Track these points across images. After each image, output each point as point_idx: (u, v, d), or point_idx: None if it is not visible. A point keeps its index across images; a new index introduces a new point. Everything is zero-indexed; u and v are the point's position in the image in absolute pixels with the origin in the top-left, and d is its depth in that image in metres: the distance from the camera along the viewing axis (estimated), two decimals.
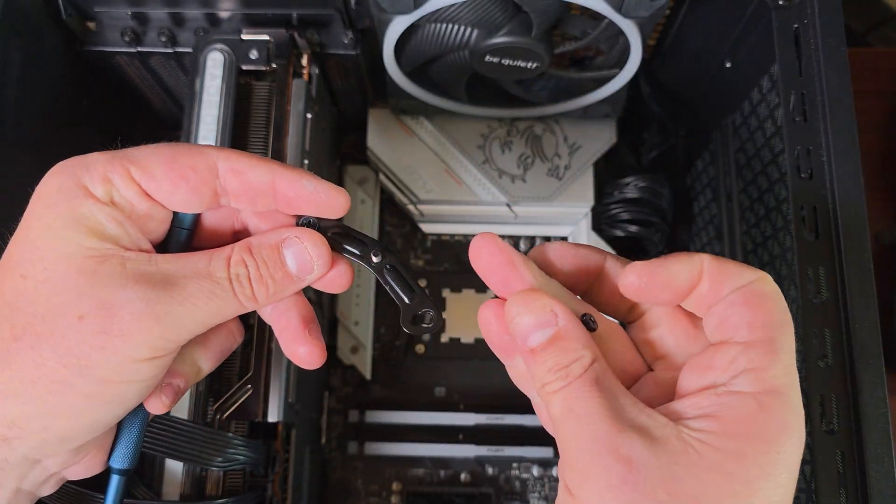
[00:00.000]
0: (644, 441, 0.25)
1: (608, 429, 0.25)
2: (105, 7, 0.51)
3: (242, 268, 0.30)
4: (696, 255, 0.28)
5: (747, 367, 0.26)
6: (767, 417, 0.25)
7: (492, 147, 0.61)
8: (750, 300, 0.27)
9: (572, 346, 0.27)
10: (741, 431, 0.25)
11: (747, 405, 0.25)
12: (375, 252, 0.32)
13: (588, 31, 0.49)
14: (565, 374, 0.27)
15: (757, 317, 0.26)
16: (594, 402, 0.26)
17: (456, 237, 0.65)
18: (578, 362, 0.27)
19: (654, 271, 0.28)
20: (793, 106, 0.41)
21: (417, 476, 0.60)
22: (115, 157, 0.30)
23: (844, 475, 0.36)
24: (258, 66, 0.49)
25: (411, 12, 0.45)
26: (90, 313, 0.27)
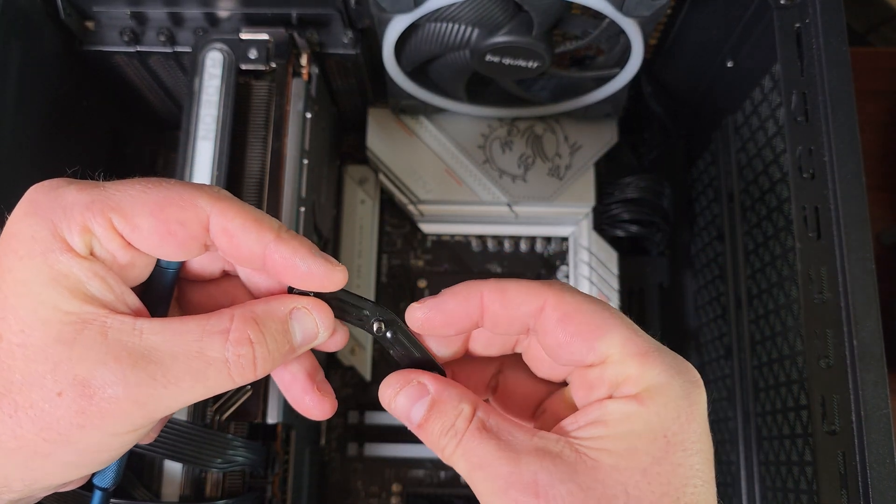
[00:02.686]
0: (541, 461, 0.26)
1: (506, 464, 0.26)
2: (104, 7, 0.51)
3: (247, 347, 0.27)
4: (476, 286, 0.29)
5: (623, 378, 0.27)
6: (648, 410, 0.26)
7: (492, 147, 0.61)
8: (564, 327, 0.28)
9: (450, 406, 0.28)
10: (627, 429, 0.26)
11: (628, 406, 0.26)
12: (377, 319, 0.30)
13: (589, 31, 0.49)
14: (454, 434, 0.27)
15: (589, 339, 0.27)
16: (487, 447, 0.26)
17: (456, 237, 0.65)
18: (460, 417, 0.28)
19: (431, 311, 0.29)
20: (794, 106, 0.41)
21: (417, 477, 0.60)
22: (96, 203, 0.27)
23: (846, 476, 0.36)
24: (257, 66, 0.49)
25: (411, 11, 0.45)
26: (68, 391, 0.25)
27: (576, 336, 0.27)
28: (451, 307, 0.29)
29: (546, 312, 0.28)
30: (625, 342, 0.27)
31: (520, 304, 0.28)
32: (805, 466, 0.42)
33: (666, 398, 0.26)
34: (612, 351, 0.27)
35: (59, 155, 0.51)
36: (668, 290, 0.65)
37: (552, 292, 0.28)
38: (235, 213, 0.27)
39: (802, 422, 0.43)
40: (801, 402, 0.43)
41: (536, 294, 0.28)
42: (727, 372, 0.55)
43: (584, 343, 0.27)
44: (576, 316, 0.28)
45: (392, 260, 0.65)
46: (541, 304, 0.28)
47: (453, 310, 0.29)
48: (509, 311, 0.28)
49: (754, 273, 0.51)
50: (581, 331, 0.27)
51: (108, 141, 0.60)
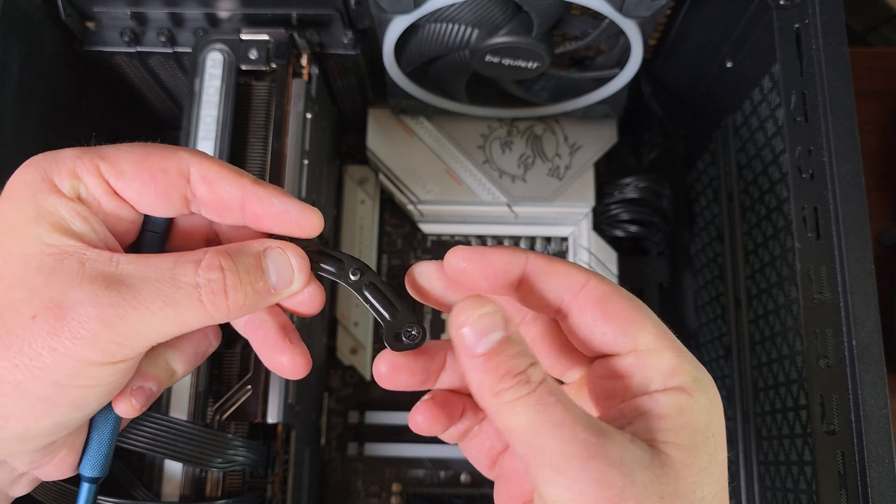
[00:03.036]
0: (626, 442, 0.25)
1: (592, 434, 0.24)
2: (104, 7, 0.51)
3: (217, 272, 0.28)
4: (522, 251, 0.29)
5: (658, 369, 0.27)
6: (699, 403, 0.26)
7: (492, 147, 0.61)
8: (601, 307, 0.28)
9: (526, 352, 0.26)
10: (688, 423, 0.26)
11: (681, 398, 0.26)
12: (353, 270, 0.30)
13: (589, 31, 0.49)
14: (525, 380, 0.25)
15: (625, 324, 0.27)
16: (567, 408, 0.25)
17: (456, 237, 0.65)
18: (535, 369, 0.26)
19: (475, 257, 0.29)
20: (794, 106, 0.41)
21: (417, 477, 0.60)
22: (86, 153, 0.29)
23: (845, 475, 0.36)
24: (258, 66, 0.49)
25: (411, 12, 0.45)
26: (42, 313, 0.26)
27: (613, 318, 0.28)
28: (495, 259, 0.28)
29: (587, 291, 0.28)
30: (659, 334, 0.27)
31: (564, 276, 0.28)
32: (804, 466, 0.42)
33: (709, 394, 0.27)
34: (647, 339, 0.27)
35: None
36: (667, 290, 0.65)
37: (593, 277, 0.28)
38: (213, 161, 0.29)
39: (802, 421, 0.43)
40: (801, 402, 0.43)
41: (581, 271, 0.28)
42: (727, 372, 0.55)
43: (621, 327, 0.27)
44: (615, 300, 0.28)
45: (392, 260, 0.65)
46: (584, 282, 0.28)
47: (495, 263, 0.28)
48: (552, 281, 0.28)
49: (754, 273, 0.51)
50: (619, 314, 0.28)
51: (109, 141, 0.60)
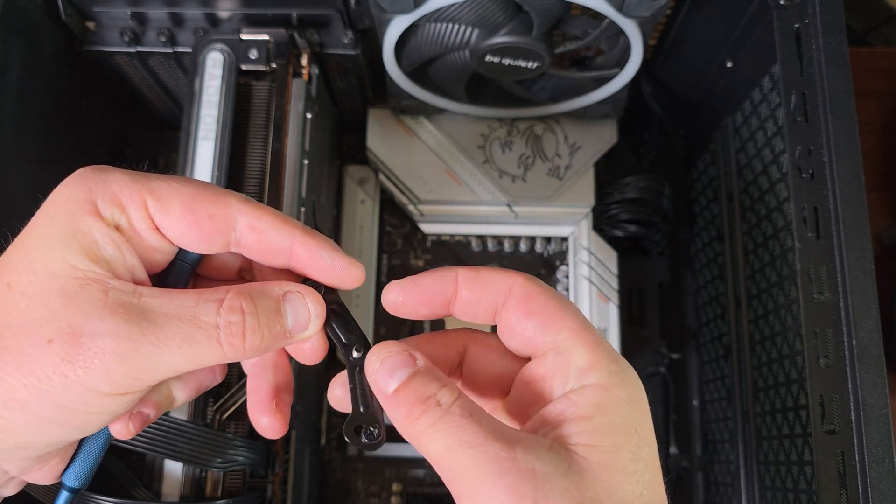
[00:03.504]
0: (538, 451, 0.25)
1: (502, 448, 0.25)
2: (104, 7, 0.51)
3: (238, 315, 0.28)
4: (451, 270, 0.30)
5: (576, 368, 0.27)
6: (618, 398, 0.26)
7: (492, 147, 0.61)
8: (524, 304, 0.29)
9: (436, 378, 0.27)
10: (607, 422, 0.26)
11: (598, 395, 0.26)
12: (358, 348, 0.30)
13: (589, 31, 0.49)
14: (435, 403, 0.26)
15: (546, 320, 0.28)
16: (478, 427, 0.25)
17: (456, 237, 0.65)
18: (445, 391, 0.26)
19: (408, 287, 0.30)
20: (794, 106, 0.41)
21: (417, 477, 0.60)
22: (136, 182, 0.28)
23: (845, 475, 0.36)
24: (258, 66, 0.49)
25: (411, 12, 0.45)
26: (58, 338, 0.26)
27: (534, 315, 0.28)
28: (427, 284, 0.30)
29: (513, 291, 0.29)
30: (577, 329, 0.28)
31: (490, 284, 0.29)
32: (804, 466, 0.42)
33: (629, 387, 0.27)
34: (565, 335, 0.28)
35: (59, 155, 0.51)
36: (667, 290, 0.65)
37: (520, 277, 0.29)
38: (263, 211, 0.30)
39: (802, 421, 0.43)
40: (801, 402, 0.43)
41: (507, 277, 0.29)
42: (727, 372, 0.55)
43: (541, 324, 0.28)
44: (537, 298, 0.29)
45: (392, 260, 0.65)
46: (510, 283, 0.29)
47: (428, 288, 0.30)
48: (481, 292, 0.29)
49: (754, 273, 0.51)
50: (540, 312, 0.28)
51: (109, 141, 0.60)
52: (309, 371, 0.53)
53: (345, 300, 0.65)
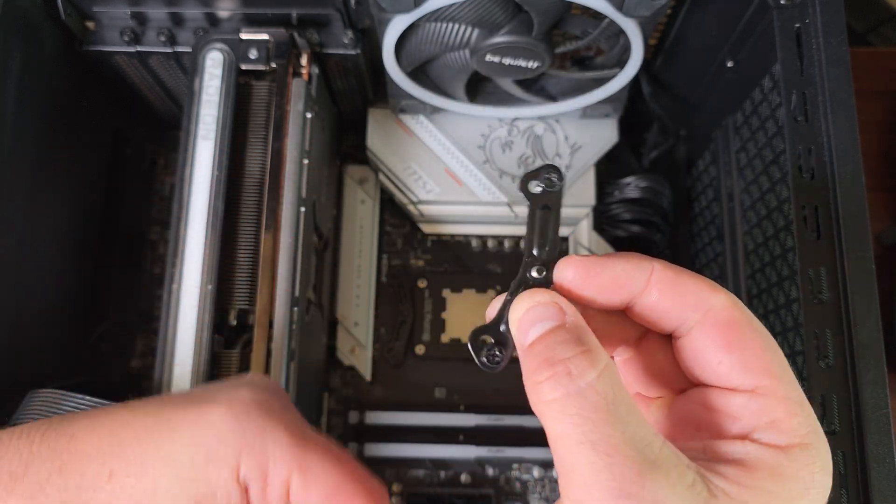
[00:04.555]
0: (671, 485, 0.21)
1: (631, 467, 0.21)
2: (104, 7, 0.51)
3: None
4: (647, 260, 0.25)
5: (769, 419, 0.23)
6: (796, 473, 0.23)
7: (492, 147, 0.61)
8: (725, 334, 0.24)
9: (577, 339, 0.23)
10: (768, 487, 0.22)
11: (777, 459, 0.23)
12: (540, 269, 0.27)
13: (589, 31, 0.49)
14: (566, 372, 0.22)
15: (748, 358, 0.24)
16: (611, 429, 0.21)
17: (456, 237, 0.65)
18: (585, 359, 0.22)
19: (592, 269, 0.25)
20: (794, 106, 0.41)
21: (417, 477, 0.60)
22: (293, 453, 0.28)
23: (846, 476, 0.36)
24: (258, 66, 0.49)
25: (411, 11, 0.45)
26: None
27: (736, 350, 0.24)
28: (618, 271, 0.25)
29: (713, 313, 0.24)
30: (783, 378, 0.24)
31: (689, 294, 0.25)
32: None
33: (814, 467, 0.23)
34: (767, 384, 0.24)
35: (59, 155, 0.51)
36: None
37: (728, 295, 0.25)
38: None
39: None
40: None
41: (713, 290, 0.25)
42: None
43: (742, 362, 0.24)
44: (743, 329, 0.24)
45: (392, 260, 0.65)
46: (711, 304, 0.24)
47: (618, 276, 0.25)
48: (675, 300, 0.25)
49: (754, 273, 0.51)
50: (743, 347, 0.24)
51: (109, 141, 0.60)
52: (309, 372, 0.53)
53: (345, 302, 0.65)
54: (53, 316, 0.52)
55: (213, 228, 0.46)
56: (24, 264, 0.47)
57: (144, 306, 0.62)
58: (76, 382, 0.49)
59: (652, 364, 0.28)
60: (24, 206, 0.47)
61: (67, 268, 0.54)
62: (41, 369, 0.50)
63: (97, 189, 0.58)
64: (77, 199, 0.55)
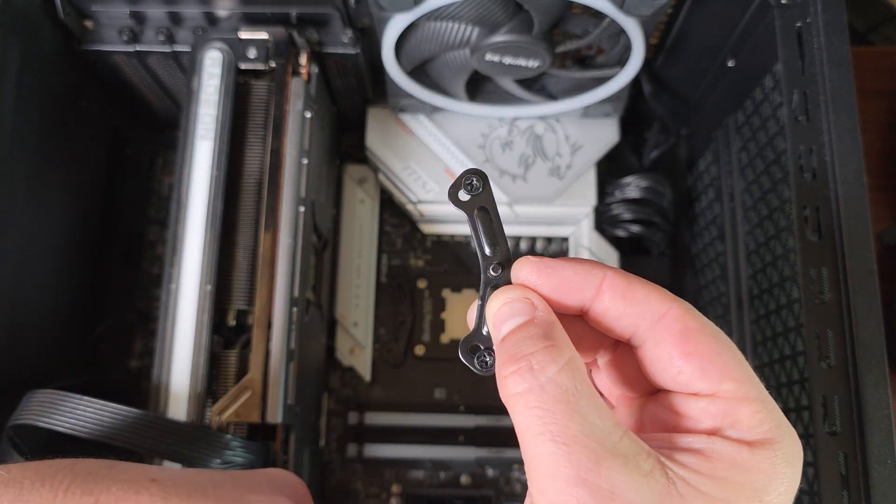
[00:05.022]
0: (627, 473, 0.22)
1: (588, 456, 0.22)
2: (103, 6, 0.50)
3: None
4: (600, 267, 0.26)
5: (731, 420, 0.24)
6: (758, 465, 0.23)
7: (492, 147, 0.61)
8: (681, 342, 0.25)
9: (543, 334, 0.24)
10: (729, 477, 0.23)
11: (739, 452, 0.23)
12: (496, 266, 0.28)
13: (589, 30, 0.48)
14: (528, 367, 0.23)
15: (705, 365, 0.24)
16: (569, 421, 0.22)
17: (456, 237, 0.65)
18: (546, 354, 0.23)
19: (545, 270, 0.26)
20: (795, 105, 0.41)
21: (417, 478, 0.60)
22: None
23: (847, 477, 0.36)
24: (257, 65, 0.49)
25: (411, 10, 0.45)
26: None
27: (693, 356, 0.24)
28: (568, 275, 0.26)
29: (667, 321, 0.25)
30: (743, 380, 0.24)
31: (643, 301, 0.25)
32: (806, 467, 0.42)
33: (777, 458, 0.23)
34: (728, 387, 0.24)
35: (58, 154, 0.51)
36: (668, 290, 0.64)
37: (679, 304, 0.25)
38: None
39: (804, 422, 0.42)
40: (803, 403, 0.43)
41: (664, 299, 0.25)
42: None
43: (700, 368, 0.24)
44: (698, 336, 0.25)
45: (392, 260, 0.64)
46: (665, 310, 0.25)
47: (568, 279, 0.26)
48: (626, 307, 0.25)
49: (755, 273, 0.51)
50: (700, 353, 0.24)
51: (108, 140, 0.60)
52: (308, 372, 0.53)
53: (345, 302, 0.65)
54: (52, 316, 0.52)
55: (211, 228, 0.46)
56: (22, 264, 0.47)
57: (143, 306, 0.62)
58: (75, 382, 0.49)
59: (625, 368, 0.28)
60: (23, 205, 0.47)
61: (66, 268, 0.54)
62: (40, 369, 0.50)
63: (96, 189, 0.58)
64: (76, 199, 0.54)
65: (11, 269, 0.46)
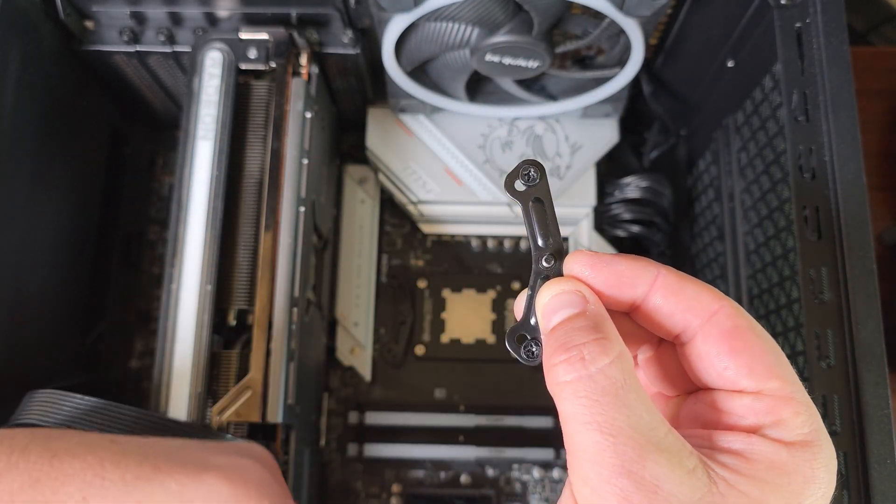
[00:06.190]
0: (672, 469, 0.22)
1: (634, 448, 0.22)
2: (103, 6, 0.50)
3: None
4: (654, 264, 0.26)
5: (775, 419, 0.24)
6: (797, 468, 0.23)
7: (492, 147, 0.61)
8: (729, 340, 0.25)
9: (594, 326, 0.24)
10: (768, 479, 0.23)
11: (778, 454, 0.23)
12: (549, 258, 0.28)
13: (589, 30, 0.48)
14: (579, 357, 0.23)
15: (752, 362, 0.25)
16: (616, 413, 0.22)
17: (456, 237, 0.65)
18: (597, 346, 0.23)
19: (598, 264, 0.26)
20: (795, 105, 0.41)
21: (417, 478, 0.60)
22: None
23: (847, 477, 0.36)
24: (257, 66, 0.49)
25: (411, 10, 0.45)
26: None
27: (739, 355, 0.25)
28: (623, 270, 0.26)
29: (717, 319, 0.25)
30: (788, 382, 0.24)
31: (695, 298, 0.25)
32: None
33: (817, 462, 0.24)
34: (773, 386, 0.24)
35: (57, 154, 0.51)
36: None
37: (730, 302, 0.25)
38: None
39: None
40: None
41: (715, 297, 0.25)
42: None
43: (746, 366, 0.25)
44: (746, 335, 0.25)
45: (392, 260, 0.65)
46: (716, 308, 0.25)
47: (621, 274, 0.26)
48: (678, 304, 0.26)
49: (755, 273, 0.51)
50: (747, 351, 0.25)
51: (108, 140, 0.60)
52: (309, 372, 0.53)
53: (345, 302, 0.65)
54: (52, 316, 0.52)
55: (212, 228, 0.46)
56: (22, 264, 0.47)
57: (143, 306, 0.62)
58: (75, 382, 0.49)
59: (666, 366, 0.29)
60: (23, 205, 0.47)
61: (66, 268, 0.54)
62: (40, 369, 0.50)
63: (96, 188, 0.58)
64: (75, 199, 0.54)
65: (11, 269, 0.46)
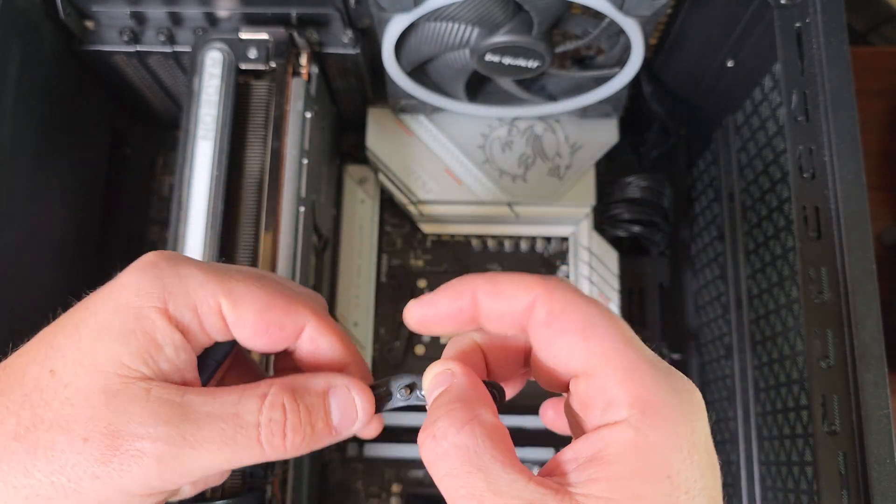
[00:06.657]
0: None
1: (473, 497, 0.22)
2: (103, 6, 0.50)
3: (279, 412, 0.27)
4: (469, 281, 0.27)
5: (606, 397, 0.23)
6: (646, 439, 0.22)
7: (492, 147, 0.61)
8: (549, 324, 0.25)
9: (453, 397, 0.25)
10: (629, 469, 0.22)
11: (624, 434, 0.23)
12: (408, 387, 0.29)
13: (589, 30, 0.48)
14: (431, 437, 0.24)
15: (571, 344, 0.24)
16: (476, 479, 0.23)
17: (456, 237, 0.65)
18: (447, 419, 0.24)
19: (427, 307, 0.28)
20: (795, 105, 0.41)
21: (417, 477, 0.60)
22: (213, 282, 0.27)
23: (846, 476, 0.36)
24: (257, 66, 0.49)
25: (411, 10, 0.45)
26: (95, 438, 0.25)
27: (562, 334, 0.25)
28: (445, 305, 0.28)
29: (535, 308, 0.26)
30: (610, 351, 0.24)
31: (511, 298, 0.26)
32: (805, 467, 0.42)
33: (663, 423, 0.22)
34: (595, 360, 0.24)
35: (58, 155, 0.51)
36: (668, 290, 0.64)
37: (544, 287, 0.26)
38: (327, 330, 0.29)
39: (803, 422, 0.43)
40: (802, 403, 0.43)
41: (528, 288, 0.26)
42: (728, 372, 0.55)
43: (568, 346, 0.25)
44: (563, 314, 0.25)
45: (392, 260, 0.65)
46: (531, 299, 0.26)
47: (447, 307, 0.28)
48: (501, 305, 0.26)
49: (755, 273, 0.51)
50: (569, 329, 0.25)
51: (108, 140, 0.60)
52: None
53: (345, 302, 0.65)
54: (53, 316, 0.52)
55: (212, 228, 0.46)
56: (22, 264, 0.47)
57: None
58: None
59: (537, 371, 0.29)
60: (23, 206, 0.47)
61: (66, 268, 0.54)
62: None
63: (96, 189, 0.58)
64: (76, 199, 0.54)
65: (11, 270, 0.46)
